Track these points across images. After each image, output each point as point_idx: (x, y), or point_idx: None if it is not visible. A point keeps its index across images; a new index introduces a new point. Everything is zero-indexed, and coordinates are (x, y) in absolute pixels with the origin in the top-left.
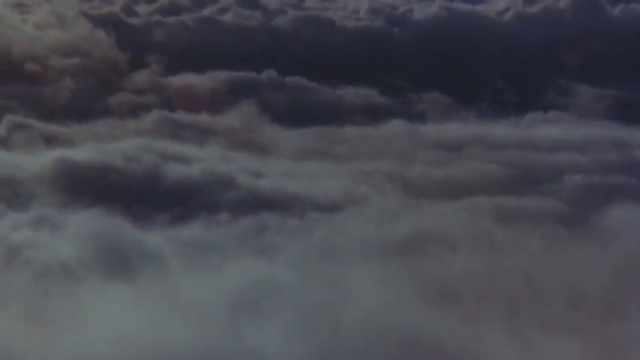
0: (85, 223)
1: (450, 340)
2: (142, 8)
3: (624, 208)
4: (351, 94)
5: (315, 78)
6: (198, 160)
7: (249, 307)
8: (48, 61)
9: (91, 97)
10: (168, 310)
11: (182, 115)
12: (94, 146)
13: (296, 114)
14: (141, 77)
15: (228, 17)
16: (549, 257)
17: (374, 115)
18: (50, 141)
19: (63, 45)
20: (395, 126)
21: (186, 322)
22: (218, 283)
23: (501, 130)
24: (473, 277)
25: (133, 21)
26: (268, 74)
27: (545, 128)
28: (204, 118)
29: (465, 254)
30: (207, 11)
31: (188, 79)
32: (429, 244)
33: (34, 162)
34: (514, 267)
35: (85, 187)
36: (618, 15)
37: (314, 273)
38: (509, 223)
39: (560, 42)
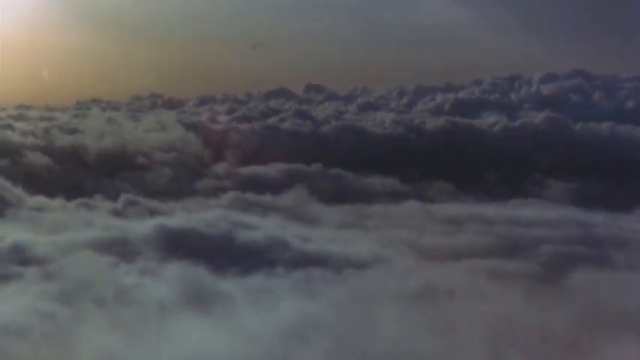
0: (177, 273)
1: None
2: (222, 118)
3: (585, 272)
4: (378, 181)
5: (351, 169)
6: (262, 228)
7: (298, 337)
8: (152, 155)
9: (183, 181)
10: (236, 338)
11: (250, 195)
12: (184, 216)
13: (336, 196)
14: (220, 168)
15: (286, 125)
16: (527, 307)
17: (395, 197)
18: (153, 212)
19: (163, 144)
20: (411, 205)
21: (250, 348)
22: (275, 320)
23: (492, 210)
24: (469, 320)
25: (215, 127)
26: (316, 166)
27: (525, 210)
28: (266, 197)
29: (463, 303)
30: (270, 120)
31: (255, 169)
32: (436, 295)
33: (140, 227)
34: (500, 313)
35: (177, 246)
36: (579, 129)
37: (348, 314)
38: (497, 281)
39: (535, 148)
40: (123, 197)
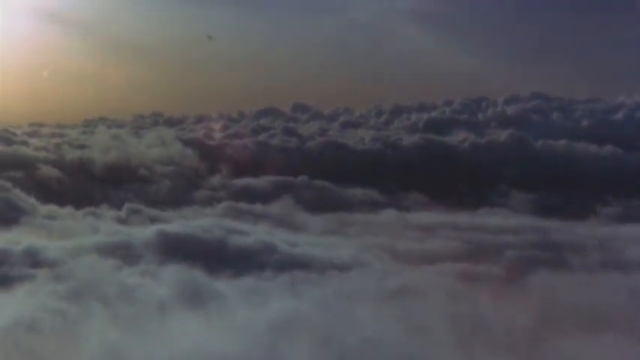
0: (175, 274)
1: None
2: (217, 134)
3: (544, 274)
4: (359, 192)
5: (333, 181)
6: (253, 234)
7: (285, 333)
8: (153, 168)
9: (181, 192)
10: (229, 333)
11: (243, 205)
12: (182, 224)
13: (320, 205)
14: (215, 179)
15: (275, 141)
16: (493, 305)
17: (374, 206)
18: (154, 220)
19: (163, 158)
20: (389, 214)
21: (241, 342)
22: (264, 317)
23: (461, 218)
24: (440, 317)
25: (211, 142)
26: (302, 179)
27: (492, 218)
28: (257, 206)
29: (435, 301)
30: (261, 137)
31: (247, 181)
32: (410, 294)
33: (142, 233)
34: (469, 311)
35: (176, 250)
36: (539, 146)
37: (330, 311)
38: (466, 282)
39: (500, 162)
40: (126, 206)
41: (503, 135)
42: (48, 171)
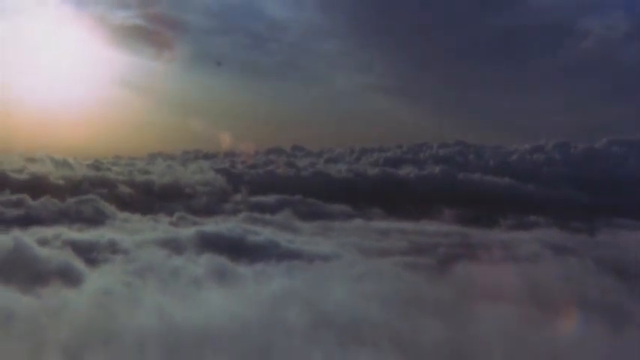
0: (209, 261)
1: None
2: (239, 166)
3: (464, 265)
4: (337, 207)
5: (320, 199)
6: (263, 234)
7: (284, 301)
8: (195, 188)
9: (214, 205)
10: (245, 301)
11: (256, 214)
12: (214, 226)
13: (311, 216)
14: (237, 197)
15: (279, 170)
16: (429, 286)
17: (347, 217)
18: (195, 223)
19: (202, 181)
20: (357, 222)
21: (253, 307)
22: (269, 291)
23: (408, 226)
24: (391, 292)
25: (235, 171)
26: (298, 197)
27: (429, 226)
28: (266, 216)
29: (388, 282)
30: (269, 168)
31: (259, 198)
32: (371, 278)
33: (187, 232)
34: (411, 290)
35: (209, 244)
36: (461, 178)
37: (316, 288)
38: (410, 270)
39: (435, 188)
40: (176, 214)
41: (436, 169)
42: (124, 189)
